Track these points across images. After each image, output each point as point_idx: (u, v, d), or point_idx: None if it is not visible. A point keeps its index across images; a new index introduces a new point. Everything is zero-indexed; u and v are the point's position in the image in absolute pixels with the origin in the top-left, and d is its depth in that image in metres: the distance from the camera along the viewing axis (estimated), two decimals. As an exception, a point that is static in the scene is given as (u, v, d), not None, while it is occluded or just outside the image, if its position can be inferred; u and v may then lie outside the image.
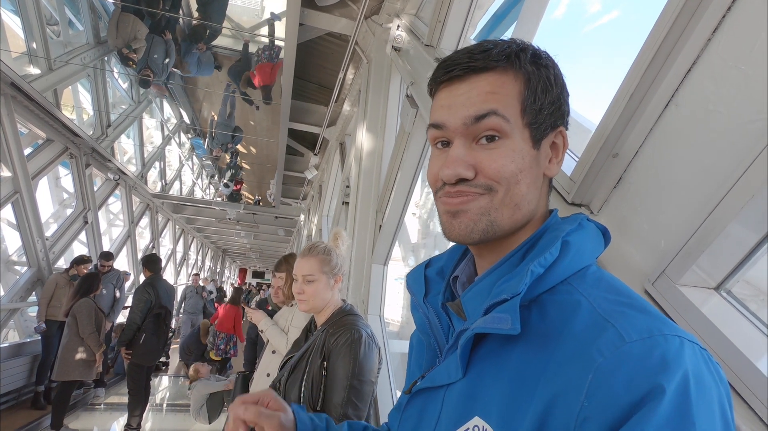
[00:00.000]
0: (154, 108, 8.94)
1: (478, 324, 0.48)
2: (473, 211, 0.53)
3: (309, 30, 3.99)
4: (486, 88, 0.53)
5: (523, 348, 0.47)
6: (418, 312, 0.66)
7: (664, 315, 0.44)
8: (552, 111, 0.55)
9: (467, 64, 0.53)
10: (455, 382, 0.52)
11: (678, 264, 0.71)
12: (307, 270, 1.56)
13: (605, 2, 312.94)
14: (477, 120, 0.52)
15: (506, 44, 0.54)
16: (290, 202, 10.87)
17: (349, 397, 1.40)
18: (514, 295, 0.47)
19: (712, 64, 0.74)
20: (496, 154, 0.52)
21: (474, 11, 2.29)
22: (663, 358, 0.38)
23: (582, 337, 0.42)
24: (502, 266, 0.54)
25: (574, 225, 0.53)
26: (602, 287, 0.48)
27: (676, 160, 0.78)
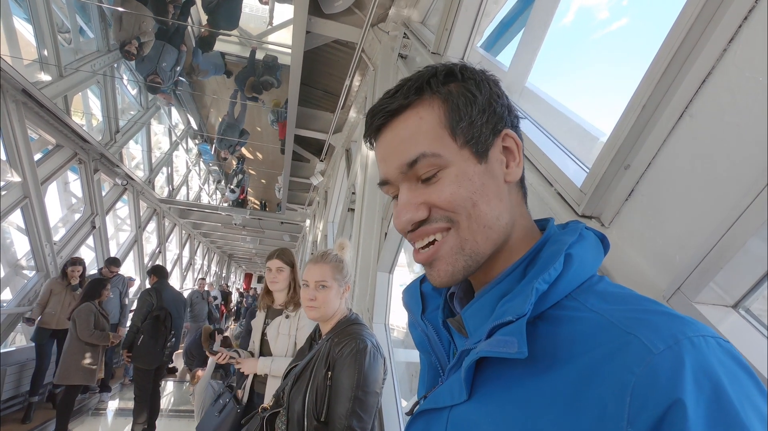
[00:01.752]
0: (162, 114, 9.02)
1: (483, 347, 0.46)
2: (447, 254, 0.52)
3: (316, 37, 4.01)
4: (406, 130, 0.52)
5: (532, 369, 0.44)
6: (416, 329, 0.64)
7: (680, 313, 0.41)
8: (486, 119, 0.53)
9: (385, 110, 0.53)
10: (459, 404, 0.50)
11: (695, 281, 0.69)
12: (320, 276, 1.54)
13: (614, 10, 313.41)
14: (410, 166, 0.52)
15: (419, 74, 0.54)
16: (296, 207, 10.90)
17: (353, 408, 1.38)
18: (520, 316, 0.44)
19: (729, 74, 0.72)
20: (441, 185, 0.51)
21: (481, 19, 2.29)
22: (694, 364, 0.36)
23: (603, 354, 0.40)
24: (503, 282, 0.52)
25: (575, 236, 0.51)
26: (610, 298, 0.46)
27: (692, 172, 0.76)
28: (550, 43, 2.47)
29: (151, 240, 10.83)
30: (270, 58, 6.42)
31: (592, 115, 63.07)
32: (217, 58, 6.30)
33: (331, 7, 3.50)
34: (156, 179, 9.60)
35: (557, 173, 1.10)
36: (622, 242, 0.87)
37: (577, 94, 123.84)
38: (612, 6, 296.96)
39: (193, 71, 6.20)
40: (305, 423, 1.41)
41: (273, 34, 6.55)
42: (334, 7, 3.47)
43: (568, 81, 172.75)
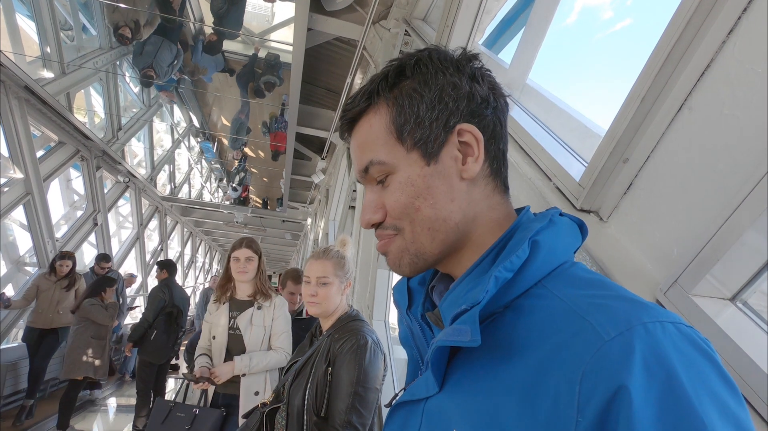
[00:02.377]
0: (165, 112, 9.03)
1: (440, 336, 0.46)
2: (393, 251, 0.54)
3: (317, 35, 4.01)
4: (359, 138, 0.55)
5: (497, 358, 0.44)
6: (402, 324, 0.65)
7: (644, 299, 0.40)
8: (436, 115, 0.51)
9: (345, 119, 0.56)
10: (432, 396, 0.50)
11: (691, 273, 0.69)
12: (321, 272, 1.55)
13: (617, 10, 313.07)
14: (365, 172, 0.55)
15: (374, 77, 0.55)
16: (297, 206, 10.91)
17: (353, 404, 1.38)
18: (474, 305, 0.44)
19: (728, 67, 0.72)
20: (390, 191, 0.53)
21: (482, 16, 2.28)
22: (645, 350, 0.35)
23: (559, 341, 0.39)
24: (473, 272, 0.51)
25: (545, 222, 0.50)
26: (578, 284, 0.45)
27: (690, 165, 0.76)
28: (553, 42, 2.46)
29: (153, 238, 10.86)
30: (272, 56, 6.41)
31: (593, 113, 62.97)
32: (218, 56, 6.29)
33: (332, 4, 3.49)
34: (158, 177, 9.62)
35: (556, 167, 1.09)
36: (620, 236, 0.87)
37: (579, 93, 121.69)
38: (616, 6, 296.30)
39: (197, 70, 6.19)
40: (305, 418, 1.41)
41: (275, 32, 6.54)
42: (336, 3, 3.47)
43: (571, 80, 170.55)
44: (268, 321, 2.23)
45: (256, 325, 2.20)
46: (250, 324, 2.19)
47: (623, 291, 0.42)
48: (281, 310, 2.30)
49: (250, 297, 2.27)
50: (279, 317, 2.26)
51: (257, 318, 2.21)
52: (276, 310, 2.26)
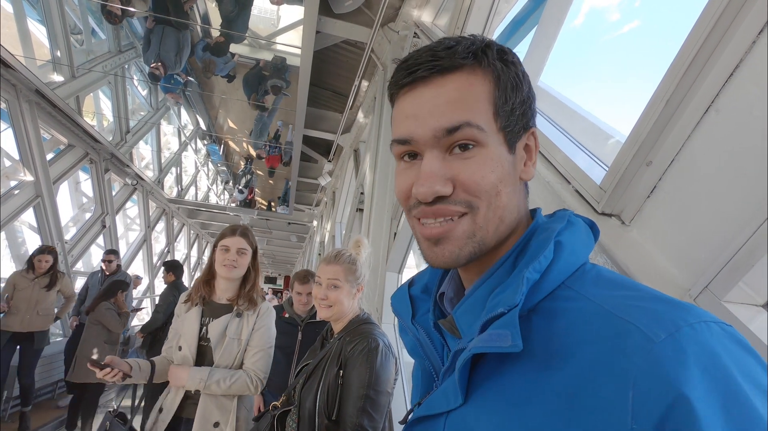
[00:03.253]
0: (172, 115, 9.09)
1: (475, 343, 0.43)
2: (458, 236, 0.48)
3: (325, 37, 4.02)
4: (454, 93, 0.47)
5: (528, 365, 0.42)
6: (407, 335, 0.61)
7: (679, 300, 0.39)
8: (523, 111, 0.50)
9: (432, 63, 0.48)
10: (456, 409, 0.47)
11: (723, 279, 0.67)
12: (332, 275, 1.54)
13: (624, 12, 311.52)
14: (449, 132, 0.47)
15: (470, 40, 0.49)
16: (303, 208, 10.93)
17: (364, 407, 1.37)
18: (512, 308, 0.42)
19: (757, 67, 0.70)
20: (473, 164, 0.47)
21: (494, 17, 2.27)
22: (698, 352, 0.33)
23: (603, 345, 0.37)
24: (493, 276, 0.50)
25: (564, 222, 0.49)
26: (604, 284, 0.43)
27: (718, 168, 0.74)
28: (560, 44, 2.45)
29: (160, 239, 10.92)
30: (278, 59, 6.44)
31: (602, 115, 62.30)
32: (228, 56, 6.30)
33: (341, 6, 3.50)
34: (165, 179, 9.68)
35: (575, 170, 1.08)
36: (644, 240, 0.85)
37: (588, 95, 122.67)
38: (623, 8, 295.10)
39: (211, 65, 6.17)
40: (316, 421, 1.41)
41: (282, 35, 6.57)
42: (344, 6, 3.48)
43: (579, 82, 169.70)
44: (247, 333, 1.79)
45: (231, 337, 1.76)
46: (223, 335, 1.76)
47: (653, 291, 0.40)
48: (265, 320, 1.87)
49: (230, 300, 1.84)
50: (261, 329, 1.83)
51: (233, 327, 1.78)
52: (259, 320, 1.84)
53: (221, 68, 6.26)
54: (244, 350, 1.80)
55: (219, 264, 1.80)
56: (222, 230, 1.89)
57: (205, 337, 1.78)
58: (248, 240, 1.86)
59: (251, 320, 1.81)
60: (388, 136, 3.37)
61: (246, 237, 1.85)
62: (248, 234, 1.88)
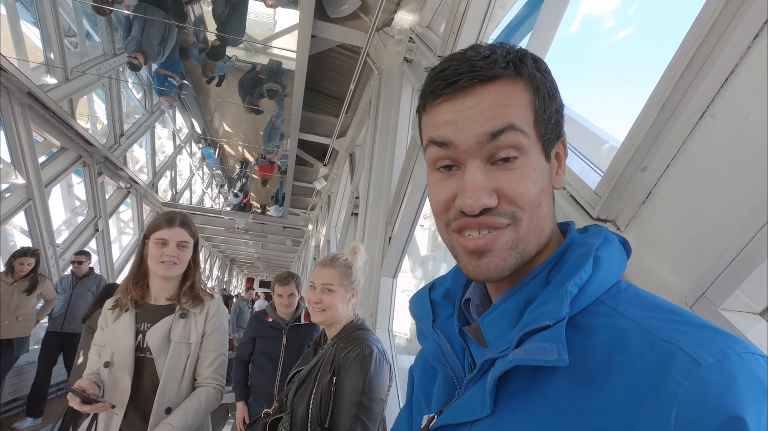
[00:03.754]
0: (167, 118, 9.06)
1: (517, 355, 0.42)
2: (501, 247, 0.47)
3: (321, 41, 4.02)
4: (497, 99, 0.46)
5: (566, 380, 0.41)
6: (427, 340, 0.59)
7: (723, 329, 0.39)
8: (557, 119, 0.51)
9: (473, 73, 0.47)
10: (482, 419, 0.46)
11: (720, 286, 0.66)
12: (327, 279, 1.54)
13: (619, 19, 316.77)
14: (493, 137, 0.46)
15: (506, 49, 0.49)
16: (298, 212, 10.90)
17: (357, 415, 1.35)
18: (558, 321, 0.41)
19: (754, 72, 0.69)
20: (517, 175, 0.46)
21: (489, 22, 2.28)
22: (747, 381, 0.33)
23: (646, 364, 0.37)
24: (525, 288, 0.49)
25: (600, 238, 0.48)
26: (641, 304, 0.43)
27: (714, 174, 0.73)
28: (556, 50, 2.46)
29: (154, 243, 10.83)
30: (274, 63, 6.43)
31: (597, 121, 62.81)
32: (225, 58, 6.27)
33: (336, 11, 3.50)
34: (159, 183, 9.63)
35: (570, 175, 1.07)
36: (639, 246, 0.84)
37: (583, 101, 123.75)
38: (618, 15, 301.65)
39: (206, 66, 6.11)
40: (309, 428, 1.39)
41: (278, 39, 6.57)
42: (340, 11, 3.48)
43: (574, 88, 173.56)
44: (196, 335, 1.53)
45: (177, 342, 1.50)
46: (167, 341, 1.49)
47: (693, 316, 0.40)
48: (218, 320, 1.61)
49: (169, 300, 1.57)
50: (215, 331, 1.58)
51: (179, 331, 1.51)
52: (212, 321, 1.58)
53: (220, 67, 6.22)
54: (195, 356, 1.52)
55: (154, 260, 1.52)
56: (155, 218, 1.61)
57: (142, 347, 1.48)
58: (190, 231, 1.59)
59: (199, 320, 1.55)
60: (384, 140, 3.37)
61: (187, 227, 1.58)
62: (189, 224, 1.60)
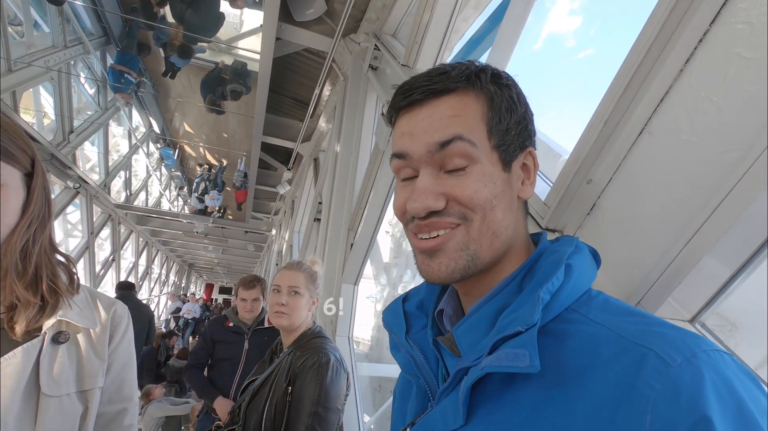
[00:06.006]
0: (122, 116, 8.66)
1: (490, 362, 0.43)
2: (451, 248, 0.49)
3: (286, 44, 3.98)
4: (448, 111, 0.50)
5: (539, 387, 0.42)
6: (400, 352, 0.60)
7: (688, 329, 0.41)
8: (519, 131, 0.53)
9: (426, 87, 0.51)
10: (455, 430, 0.46)
11: (654, 295, 0.70)
12: (293, 281, 1.52)
13: (580, 39, 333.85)
14: (442, 146, 0.49)
15: (465, 65, 0.52)
16: (261, 216, 10.67)
17: (312, 425, 1.33)
18: (530, 327, 0.42)
19: (685, 94, 0.74)
20: (466, 179, 0.49)
21: (450, 34, 2.33)
22: (714, 379, 0.35)
23: (618, 368, 0.38)
24: (498, 296, 0.50)
25: (572, 247, 0.51)
26: (612, 310, 0.45)
27: (651, 188, 0.78)
28: (519, 66, 2.56)
29: (105, 247, 10.26)
30: (239, 64, 6.30)
31: (557, 135, 66.19)
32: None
33: (302, 14, 3.48)
34: (112, 183, 9.16)
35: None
36: (584, 256, 0.88)
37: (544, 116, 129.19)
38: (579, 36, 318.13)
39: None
40: (262, 440, 1.35)
41: (243, 39, 6.43)
42: (306, 15, 3.46)
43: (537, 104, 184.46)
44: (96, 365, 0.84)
45: (54, 382, 0.77)
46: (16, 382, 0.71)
47: (660, 319, 0.42)
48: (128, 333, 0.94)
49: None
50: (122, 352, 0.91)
51: (50, 365, 0.76)
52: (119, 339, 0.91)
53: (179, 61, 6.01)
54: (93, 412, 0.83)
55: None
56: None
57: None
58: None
59: (72, 350, 0.82)
60: (348, 146, 3.36)
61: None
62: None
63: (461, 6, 2.33)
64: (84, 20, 6.01)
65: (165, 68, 6.23)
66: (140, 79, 6.18)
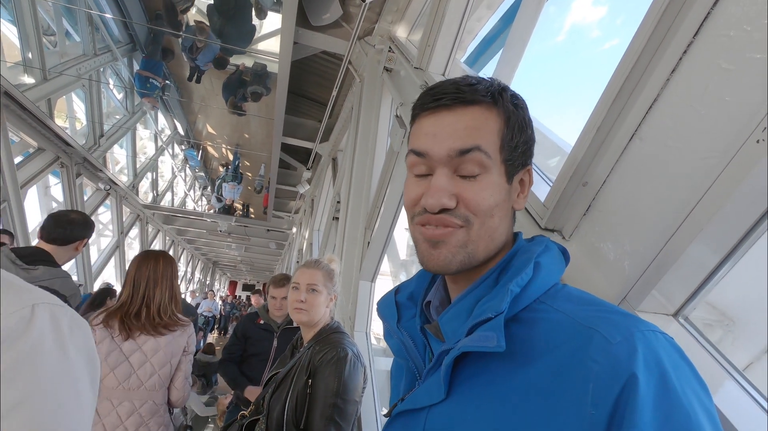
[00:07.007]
0: (149, 119, 8.96)
1: (465, 343, 0.50)
2: (452, 243, 0.55)
3: (303, 48, 4.07)
4: (471, 122, 0.55)
5: (509, 366, 0.49)
6: (392, 338, 0.68)
7: (634, 314, 0.48)
8: (524, 150, 0.59)
9: (456, 95, 0.56)
10: (437, 403, 0.54)
11: (638, 290, 0.75)
12: (311, 279, 1.58)
13: (606, 30, 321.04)
14: (461, 153, 0.54)
15: (489, 82, 0.58)
16: (282, 215, 10.86)
17: (332, 416, 1.40)
18: (498, 314, 0.50)
19: (671, 102, 0.79)
20: (477, 186, 0.55)
21: (462, 36, 2.37)
22: (645, 351, 0.42)
23: (571, 347, 0.45)
24: (478, 288, 0.57)
25: (542, 247, 0.58)
26: (574, 301, 0.52)
27: (640, 190, 0.83)
28: (540, 60, 2.58)
29: (134, 246, 10.66)
30: (259, 66, 6.43)
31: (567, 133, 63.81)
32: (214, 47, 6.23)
33: (318, 19, 3.56)
34: (140, 184, 9.49)
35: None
36: (580, 254, 0.93)
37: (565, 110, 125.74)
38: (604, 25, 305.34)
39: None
40: (284, 429, 1.43)
41: (262, 42, 6.57)
42: (322, 20, 3.54)
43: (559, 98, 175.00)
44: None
45: None
46: None
47: (613, 307, 0.50)
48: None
49: None
50: None
51: None
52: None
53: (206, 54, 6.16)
54: None
55: None
56: None
57: None
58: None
59: None
60: (365, 146, 3.43)
61: None
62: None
63: (473, 6, 2.37)
64: (112, 28, 6.25)
65: (189, 73, 6.41)
66: (164, 82, 6.39)
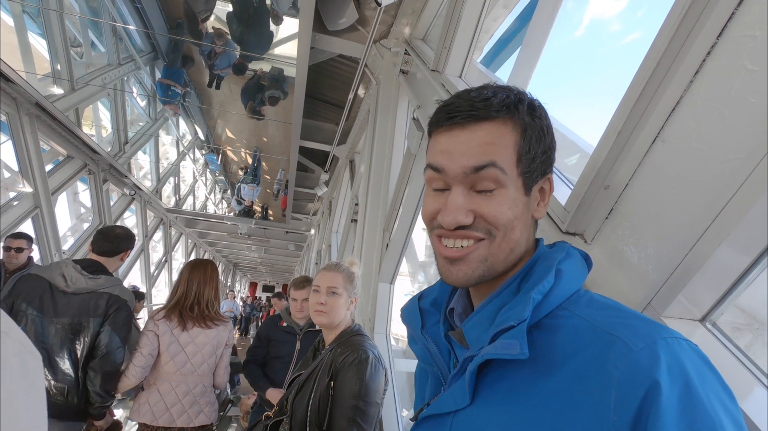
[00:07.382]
0: (170, 125, 9.17)
1: (488, 350, 0.51)
2: (472, 259, 0.56)
3: (320, 52, 4.11)
4: (486, 138, 0.55)
5: (531, 371, 0.50)
6: (417, 344, 0.68)
7: (657, 321, 0.48)
8: (543, 159, 0.58)
9: (469, 113, 0.56)
10: (462, 409, 0.55)
11: (663, 295, 0.74)
12: (331, 282, 1.60)
13: (626, 23, 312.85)
14: (476, 170, 0.54)
15: (505, 93, 0.57)
16: (301, 217, 10.97)
17: (354, 418, 1.41)
18: (521, 321, 0.50)
19: (695, 104, 0.78)
20: (493, 200, 0.55)
21: (479, 37, 2.36)
22: (668, 359, 0.42)
23: (592, 354, 0.45)
24: (500, 296, 0.58)
25: (563, 254, 0.58)
26: (595, 307, 0.52)
27: (663, 193, 0.81)
28: (559, 56, 2.56)
29: (158, 249, 10.93)
30: (276, 70, 6.52)
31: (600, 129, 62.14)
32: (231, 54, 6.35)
33: (334, 24, 3.59)
34: (163, 189, 9.73)
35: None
36: (604, 258, 0.92)
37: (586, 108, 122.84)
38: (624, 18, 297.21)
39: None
40: (307, 430, 1.45)
41: (279, 47, 6.66)
42: (338, 24, 3.57)
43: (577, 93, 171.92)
44: None
45: None
46: None
47: (634, 312, 0.50)
48: None
49: None
50: None
51: None
52: None
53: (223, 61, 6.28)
54: None
55: None
56: None
57: None
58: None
59: None
60: (382, 148, 3.44)
61: None
62: None
63: (490, 6, 2.36)
64: (135, 38, 6.43)
65: (209, 79, 6.54)
66: (185, 90, 6.54)
